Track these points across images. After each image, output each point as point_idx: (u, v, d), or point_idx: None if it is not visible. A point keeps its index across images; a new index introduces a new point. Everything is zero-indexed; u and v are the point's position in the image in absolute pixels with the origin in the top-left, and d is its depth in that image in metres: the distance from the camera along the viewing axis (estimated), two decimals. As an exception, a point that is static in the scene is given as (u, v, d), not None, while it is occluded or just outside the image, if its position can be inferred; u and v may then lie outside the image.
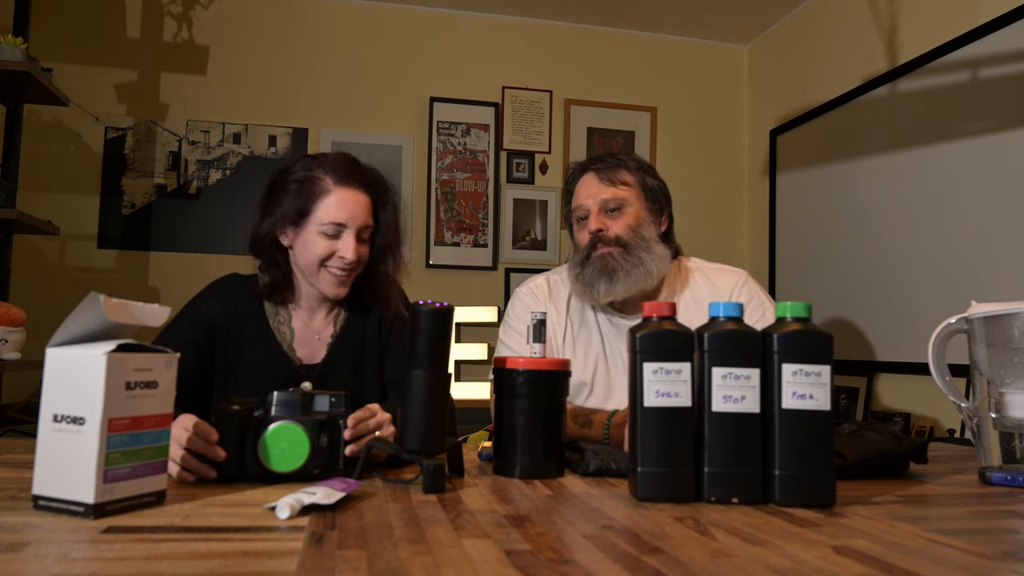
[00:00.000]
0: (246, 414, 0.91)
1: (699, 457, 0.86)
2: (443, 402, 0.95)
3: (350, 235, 1.28)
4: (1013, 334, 1.02)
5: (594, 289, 1.46)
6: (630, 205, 1.49)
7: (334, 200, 1.27)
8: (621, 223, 1.48)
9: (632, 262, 1.44)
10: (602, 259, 1.45)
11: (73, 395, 0.72)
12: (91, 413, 0.71)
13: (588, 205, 1.49)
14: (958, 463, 1.22)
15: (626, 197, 1.49)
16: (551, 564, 0.59)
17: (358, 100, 3.51)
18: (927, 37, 2.70)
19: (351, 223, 1.28)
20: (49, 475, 0.72)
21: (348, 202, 1.27)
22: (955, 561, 0.63)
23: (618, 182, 1.50)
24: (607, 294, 1.45)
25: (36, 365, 2.44)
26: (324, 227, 1.27)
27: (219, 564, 0.57)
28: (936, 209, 2.60)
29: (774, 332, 0.86)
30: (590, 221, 1.48)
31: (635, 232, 1.47)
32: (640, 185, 1.52)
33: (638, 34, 3.82)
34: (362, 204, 1.30)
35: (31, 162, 2.98)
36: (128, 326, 0.75)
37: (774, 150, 3.60)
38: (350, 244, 1.27)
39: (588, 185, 1.51)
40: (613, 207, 1.48)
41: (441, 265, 3.52)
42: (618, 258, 1.44)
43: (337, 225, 1.27)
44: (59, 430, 0.72)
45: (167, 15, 3.35)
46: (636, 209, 1.50)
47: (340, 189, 1.28)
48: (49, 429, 0.72)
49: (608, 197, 1.48)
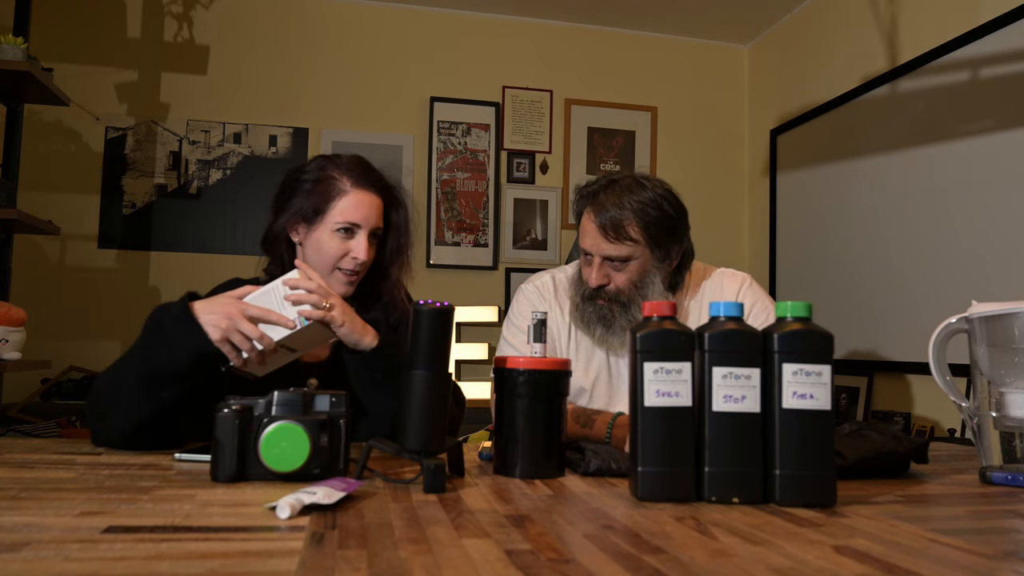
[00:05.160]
0: (246, 414, 0.91)
1: (699, 457, 0.86)
2: (443, 402, 0.95)
3: (363, 236, 1.30)
4: (1013, 334, 1.02)
5: (591, 331, 1.47)
6: (635, 259, 1.42)
7: (350, 201, 1.30)
8: (623, 278, 1.42)
9: (628, 319, 1.43)
10: (601, 308, 1.44)
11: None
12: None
13: (592, 253, 1.44)
14: (959, 463, 1.22)
15: (630, 254, 1.41)
16: (552, 564, 0.59)
17: (359, 100, 3.51)
18: (927, 37, 2.70)
19: (365, 224, 1.30)
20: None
21: (363, 203, 1.30)
22: (956, 561, 0.63)
23: (623, 237, 1.40)
24: (602, 341, 1.46)
25: (36, 365, 2.44)
26: (339, 226, 1.29)
27: (219, 564, 0.57)
28: (936, 209, 2.60)
29: (775, 332, 0.86)
30: (592, 273, 1.43)
31: (637, 288, 1.43)
32: (646, 238, 1.42)
33: (638, 34, 3.82)
34: (375, 206, 1.32)
35: (32, 162, 2.99)
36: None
37: (774, 150, 3.60)
38: (363, 244, 1.29)
39: (591, 232, 1.43)
40: (617, 260, 1.42)
41: (442, 265, 3.52)
42: (616, 314, 1.43)
43: (352, 225, 1.29)
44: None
45: (167, 15, 3.35)
46: (640, 263, 1.42)
47: (356, 191, 1.30)
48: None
49: (612, 254, 1.41)
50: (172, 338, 1.07)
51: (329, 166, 1.33)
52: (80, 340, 3.13)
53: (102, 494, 0.81)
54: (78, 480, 0.88)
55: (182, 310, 1.08)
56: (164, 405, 1.08)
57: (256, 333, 1.08)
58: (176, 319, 1.08)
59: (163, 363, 1.07)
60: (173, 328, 1.08)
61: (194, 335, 1.07)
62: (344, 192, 1.30)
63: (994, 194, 2.37)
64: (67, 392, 2.90)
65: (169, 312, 1.10)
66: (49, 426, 2.51)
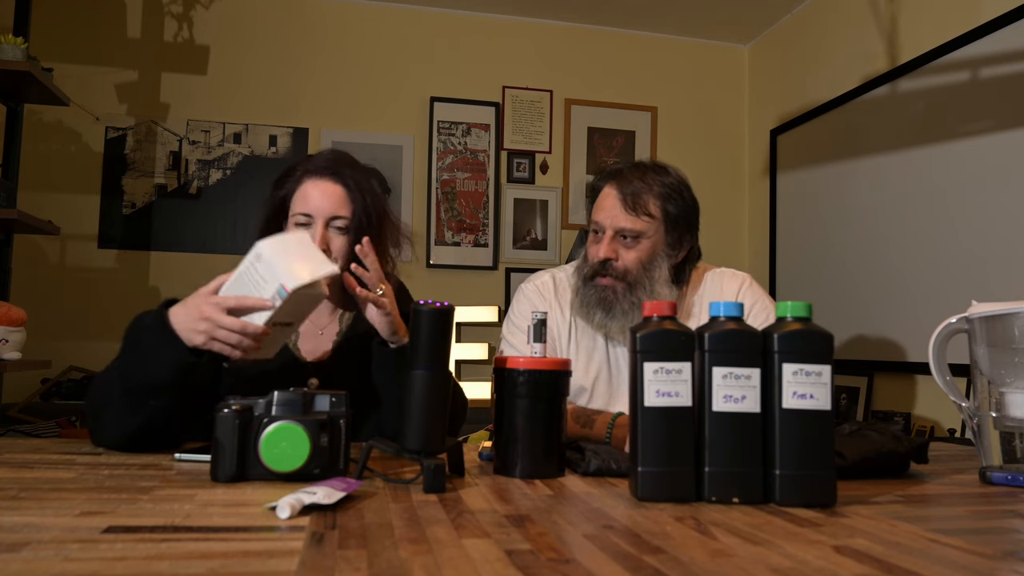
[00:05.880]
0: (246, 414, 0.91)
1: (699, 457, 0.86)
2: (443, 402, 0.95)
3: (318, 225, 1.30)
4: (1013, 334, 1.02)
5: (590, 315, 1.44)
6: (647, 238, 1.41)
7: (302, 191, 1.32)
8: (632, 256, 1.41)
9: (631, 301, 1.40)
10: (603, 290, 1.42)
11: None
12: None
13: (604, 225, 1.42)
14: (959, 463, 1.22)
15: (644, 229, 1.41)
16: (552, 564, 0.59)
17: (359, 100, 3.51)
18: (927, 37, 2.70)
19: (318, 214, 1.30)
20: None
21: (315, 193, 1.31)
22: (956, 561, 0.63)
23: (641, 211, 1.40)
24: (601, 326, 1.44)
25: (36, 365, 2.44)
26: (296, 218, 1.31)
27: (219, 564, 0.57)
28: (936, 209, 2.60)
29: (775, 332, 0.86)
30: (602, 244, 1.42)
31: (644, 269, 1.41)
32: (663, 217, 1.42)
33: (638, 34, 3.82)
34: (330, 194, 1.31)
35: (32, 162, 2.98)
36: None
37: (774, 150, 3.60)
38: (317, 234, 1.30)
39: (609, 204, 1.42)
40: (629, 235, 1.41)
41: (442, 265, 3.52)
42: (619, 294, 1.41)
43: (306, 216, 1.30)
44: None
45: (168, 15, 3.35)
46: (653, 242, 1.42)
47: (308, 180, 1.32)
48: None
49: (626, 226, 1.40)
50: (149, 352, 1.05)
51: (301, 160, 1.37)
52: (80, 340, 3.13)
53: (102, 494, 0.81)
54: (78, 480, 0.88)
55: (158, 321, 1.05)
56: (154, 413, 1.07)
57: (238, 325, 1.03)
58: (152, 331, 1.05)
59: (144, 377, 1.06)
60: (150, 341, 1.05)
61: (172, 346, 1.04)
62: (299, 183, 1.32)
63: (994, 194, 2.37)
64: (67, 392, 2.90)
65: (144, 324, 1.08)
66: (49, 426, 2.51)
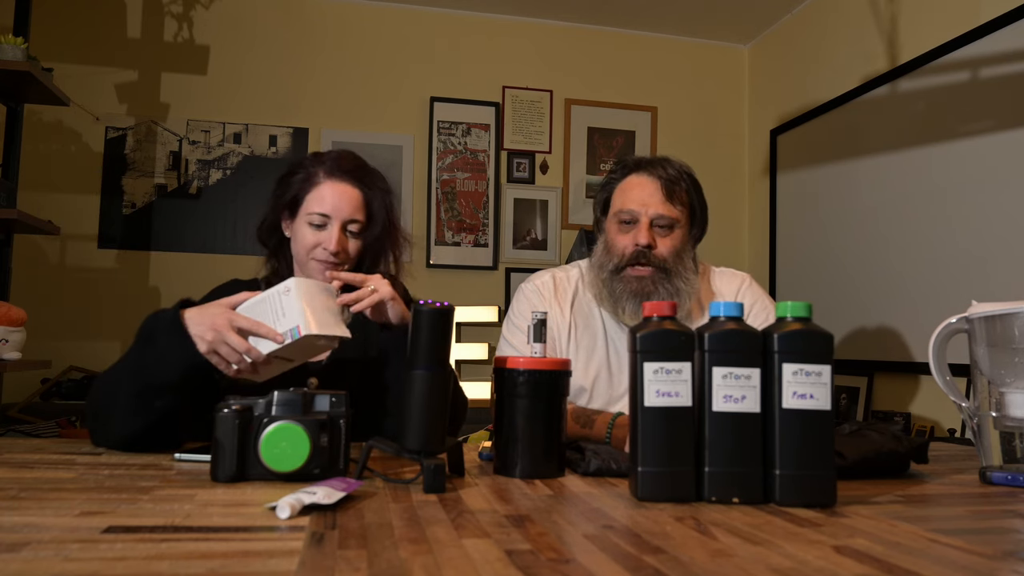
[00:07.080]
0: (246, 414, 0.91)
1: (699, 457, 0.86)
2: (443, 402, 0.95)
3: (335, 227, 1.30)
4: (1014, 334, 1.02)
5: (620, 306, 1.41)
6: (680, 227, 1.41)
7: (321, 192, 1.31)
8: (668, 244, 1.39)
9: (668, 290, 1.38)
10: (639, 280, 1.39)
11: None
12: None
13: (639, 213, 1.40)
14: (959, 463, 1.22)
15: (678, 218, 1.40)
16: (552, 564, 0.59)
17: (359, 100, 3.51)
18: (927, 37, 2.70)
19: (335, 215, 1.30)
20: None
21: (335, 194, 1.30)
22: (956, 561, 0.63)
23: (677, 200, 1.39)
24: (634, 317, 1.40)
25: (36, 365, 2.44)
26: (311, 217, 1.30)
27: (219, 564, 0.57)
28: (936, 209, 2.60)
29: (774, 332, 0.86)
30: (639, 232, 1.39)
31: (679, 257, 1.40)
32: (690, 208, 1.43)
33: (638, 34, 3.82)
34: (350, 197, 1.32)
35: (32, 162, 2.98)
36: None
37: (774, 150, 3.60)
38: (334, 235, 1.29)
39: (646, 191, 1.40)
40: (664, 224, 1.39)
41: (442, 265, 3.52)
42: (656, 283, 1.38)
43: (322, 216, 1.30)
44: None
45: (168, 15, 3.35)
46: (683, 232, 1.42)
47: (329, 181, 1.31)
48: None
49: (664, 213, 1.38)
50: (163, 349, 1.06)
51: (312, 159, 1.36)
52: (80, 340, 3.13)
53: (102, 494, 0.81)
54: (78, 480, 0.88)
55: (173, 320, 1.07)
56: (159, 415, 1.07)
57: (243, 346, 1.05)
58: (167, 329, 1.07)
59: (155, 375, 1.06)
60: (164, 338, 1.06)
61: (184, 346, 1.05)
62: (316, 183, 1.31)
63: (994, 194, 2.37)
64: (67, 392, 2.90)
65: (161, 321, 1.08)
66: (49, 426, 2.51)
